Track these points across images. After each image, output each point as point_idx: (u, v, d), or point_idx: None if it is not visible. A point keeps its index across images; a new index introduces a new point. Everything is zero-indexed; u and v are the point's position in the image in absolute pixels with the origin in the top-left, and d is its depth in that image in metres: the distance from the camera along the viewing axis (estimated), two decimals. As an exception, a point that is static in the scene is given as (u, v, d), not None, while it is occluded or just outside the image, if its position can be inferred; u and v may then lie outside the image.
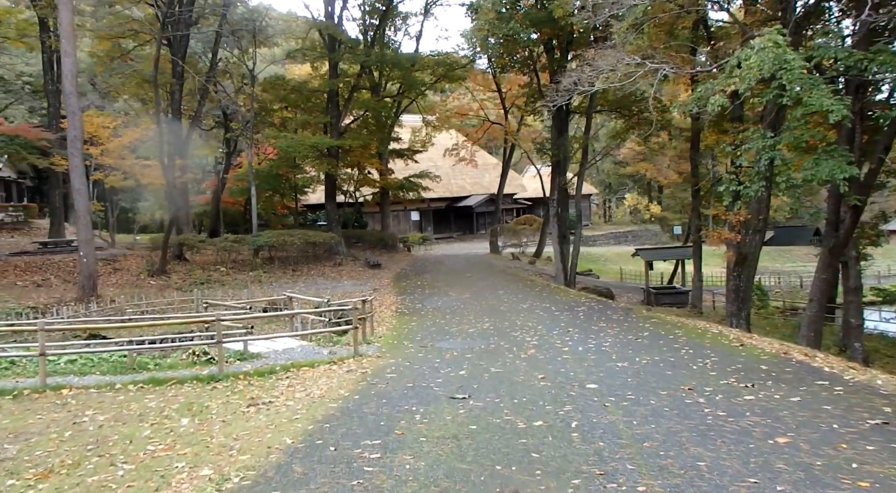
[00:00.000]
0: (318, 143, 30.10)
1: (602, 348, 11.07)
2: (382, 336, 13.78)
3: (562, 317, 15.38)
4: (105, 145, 29.05)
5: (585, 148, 28.34)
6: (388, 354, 11.41)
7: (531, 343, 11.88)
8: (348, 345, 11.85)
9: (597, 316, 15.29)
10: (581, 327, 13.54)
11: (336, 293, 24.55)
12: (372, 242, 38.36)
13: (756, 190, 12.78)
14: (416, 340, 12.98)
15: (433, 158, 48.00)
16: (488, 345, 11.92)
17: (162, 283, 25.95)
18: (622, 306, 17.35)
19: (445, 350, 11.54)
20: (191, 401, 8.16)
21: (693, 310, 27.02)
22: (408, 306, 19.31)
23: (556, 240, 27.98)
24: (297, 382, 9.40)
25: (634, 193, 64.59)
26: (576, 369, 9.30)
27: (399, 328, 14.87)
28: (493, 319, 15.59)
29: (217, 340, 9.58)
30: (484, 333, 13.52)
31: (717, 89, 12.25)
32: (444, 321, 15.65)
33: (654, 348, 10.81)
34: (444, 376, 9.21)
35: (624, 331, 12.90)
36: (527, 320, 15.13)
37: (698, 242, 27.64)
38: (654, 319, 14.65)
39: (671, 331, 12.72)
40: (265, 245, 29.29)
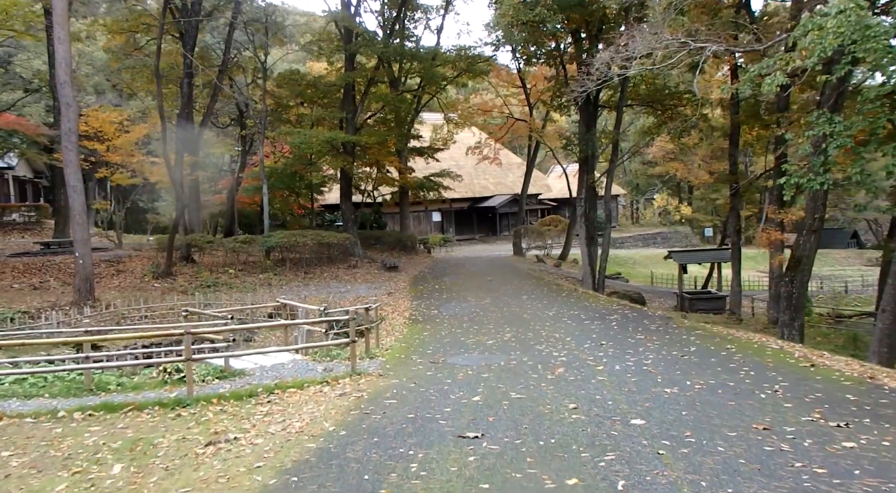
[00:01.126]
0: (333, 138, 28.62)
1: (643, 366, 9.37)
2: (389, 349, 12.19)
3: (593, 327, 13.67)
4: (112, 141, 27.84)
5: (615, 143, 26.53)
6: (392, 372, 9.81)
7: (559, 360, 10.21)
8: (348, 360, 10.29)
9: (632, 326, 13.56)
10: (616, 340, 11.83)
11: (348, 298, 23.06)
12: (390, 243, 36.87)
13: (822, 182, 10.99)
14: (427, 354, 11.36)
15: (455, 157, 46.43)
16: (509, 361, 10.27)
17: (167, 285, 24.64)
18: (660, 315, 15.59)
19: (459, 368, 9.92)
20: (139, 437, 6.61)
21: (732, 317, 25.11)
22: (422, 312, 17.71)
23: (583, 242, 26.23)
24: (278, 408, 7.83)
25: (664, 193, 62.37)
26: (615, 396, 7.63)
27: (409, 339, 13.27)
28: (516, 328, 13.93)
29: (186, 357, 8.06)
30: (504, 345, 11.87)
31: (777, 66, 10.49)
32: (460, 331, 14.02)
33: (705, 369, 9.09)
34: (455, 404, 7.59)
35: (666, 345, 11.16)
36: (553, 330, 13.45)
37: (737, 244, 25.72)
38: (698, 330, 12.87)
39: (722, 345, 10.97)
40: (276, 246, 27.89)
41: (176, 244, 27.75)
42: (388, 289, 24.34)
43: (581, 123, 26.48)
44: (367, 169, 37.66)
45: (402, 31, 33.60)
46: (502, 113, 42.23)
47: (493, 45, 29.50)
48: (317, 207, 44.22)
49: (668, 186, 65.96)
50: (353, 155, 31.55)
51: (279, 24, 34.11)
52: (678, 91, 28.62)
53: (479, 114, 43.22)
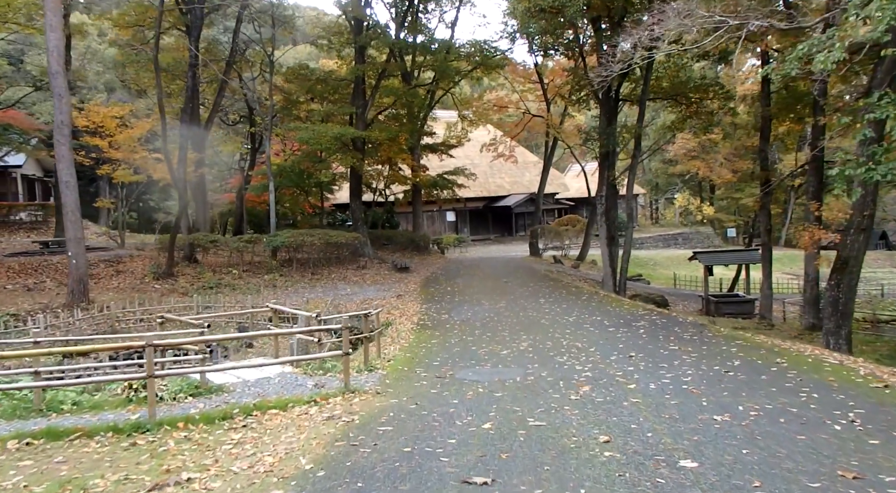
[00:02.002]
0: (342, 134, 27.46)
1: (683, 385, 8.05)
2: (392, 359, 10.94)
3: (619, 335, 12.35)
4: (114, 137, 26.87)
5: (638, 138, 25.13)
6: (392, 388, 8.56)
7: (583, 375, 8.92)
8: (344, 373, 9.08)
9: (663, 335, 12.23)
10: (646, 351, 10.51)
11: (355, 300, 21.87)
12: (402, 243, 35.68)
13: (885, 173, 9.59)
14: (434, 366, 10.11)
15: (470, 155, 45.19)
16: (525, 376, 9.00)
17: (167, 287, 23.60)
18: (692, 321, 14.22)
19: (468, 384, 8.66)
20: (73, 476, 5.40)
21: (762, 322, 23.66)
22: (432, 316, 16.46)
23: (604, 242, 24.86)
24: (252, 435, 6.61)
25: (685, 193, 60.70)
26: (654, 425, 6.33)
27: (416, 347, 12.02)
28: (533, 336, 12.65)
29: (147, 373, 6.85)
30: (520, 356, 10.59)
31: (838, 37, 9.13)
32: (471, 339, 12.75)
33: (757, 389, 7.76)
34: (461, 433, 6.33)
35: (705, 358, 9.83)
36: (575, 338, 12.15)
37: (768, 244, 24.23)
38: (738, 340, 11.50)
39: (769, 359, 9.62)
40: (283, 246, 26.76)
41: (179, 244, 26.75)
42: (397, 291, 23.13)
43: (601, 116, 25.13)
44: (379, 167, 36.53)
45: (414, 23, 32.38)
46: (518, 109, 40.89)
47: (510, 37, 28.20)
48: (328, 207, 43.16)
49: (689, 186, 64.31)
50: (364, 152, 30.38)
51: (288, 17, 33.08)
52: (703, 83, 27.19)
53: (495, 110, 41.91)
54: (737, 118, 42.65)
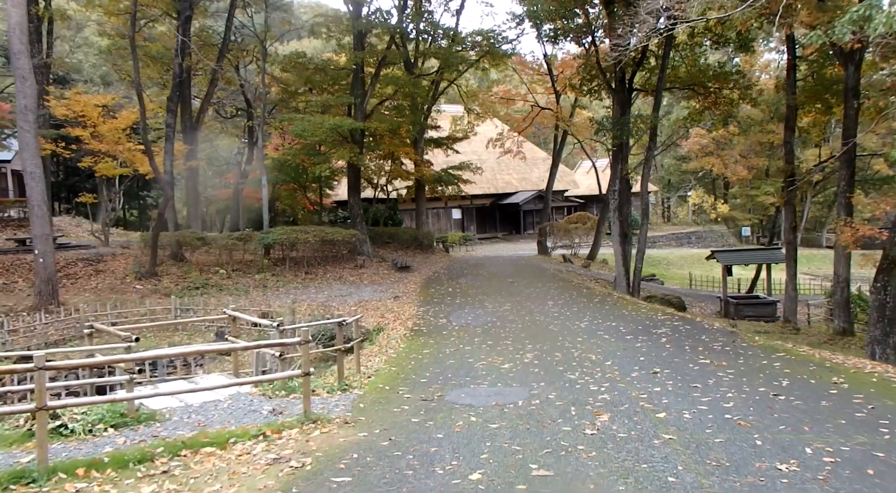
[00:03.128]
0: (338, 125, 25.87)
1: (726, 414, 6.45)
2: (375, 374, 9.37)
3: (638, 344, 10.73)
4: (96, 128, 25.37)
5: (654, 129, 23.46)
6: (365, 416, 6.98)
7: (599, 398, 7.33)
8: (314, 394, 7.53)
9: (689, 344, 10.60)
10: (673, 366, 8.90)
11: (349, 302, 20.33)
12: (405, 241, 34.13)
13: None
14: (421, 384, 8.53)
15: (477, 151, 43.57)
16: (529, 399, 7.41)
17: (150, 287, 22.11)
18: (719, 328, 12.56)
19: (459, 410, 7.07)
20: None
21: (787, 326, 21.97)
22: (429, 321, 14.89)
23: (617, 240, 23.23)
24: (171, 487, 5.04)
25: (699, 190, 58.89)
26: (699, 478, 4.73)
27: (405, 359, 10.45)
28: (539, 345, 11.05)
29: (37, 404, 5.28)
30: (524, 372, 9.00)
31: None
32: (469, 348, 11.17)
33: (821, 420, 6.15)
34: (439, 488, 4.75)
35: (745, 375, 8.21)
36: (588, 348, 10.55)
37: (793, 243, 22.55)
38: (779, 352, 9.85)
39: (823, 377, 8.00)
40: (275, 243, 25.22)
41: (165, 242, 25.28)
42: (395, 292, 21.57)
43: (615, 104, 23.47)
44: (381, 162, 34.98)
45: (417, 9, 30.75)
46: (526, 102, 39.20)
47: (517, 20, 26.56)
48: (329, 203, 41.65)
49: (703, 183, 62.51)
50: (362, 145, 28.80)
51: (285, 4, 31.59)
52: (723, 71, 25.51)
53: (502, 103, 40.26)
54: (753, 113, 40.95)
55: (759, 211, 58.07)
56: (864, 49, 18.22)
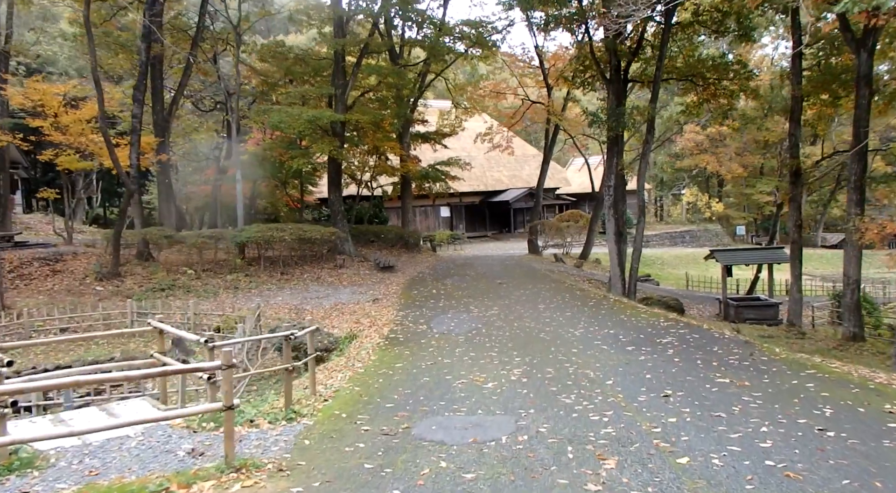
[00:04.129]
0: (317, 117, 24.38)
1: (766, 459, 5.03)
2: (333, 396, 7.90)
3: (642, 358, 9.32)
4: (58, 119, 23.75)
5: (651, 121, 22.07)
6: (307, 457, 5.53)
7: (603, 432, 5.91)
8: (252, 427, 6.09)
9: (701, 357, 9.20)
10: (687, 387, 7.49)
11: (325, 305, 18.87)
12: (390, 240, 32.66)
13: None
14: (386, 410, 7.09)
15: (466, 147, 42.16)
16: (515, 434, 5.98)
17: (111, 288, 20.56)
18: (731, 337, 11.14)
19: (427, 449, 5.64)
20: None
21: (791, 329, 20.67)
22: (407, 328, 13.44)
23: (612, 239, 21.89)
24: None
25: (694, 188, 57.68)
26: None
27: (372, 376, 9.00)
28: (529, 357, 9.64)
29: None
30: (511, 393, 7.57)
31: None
32: (449, 362, 9.74)
33: (892, 468, 4.76)
34: None
35: (775, 399, 6.81)
36: (584, 362, 9.13)
37: (798, 242, 21.24)
38: (809, 368, 8.42)
39: (871, 402, 6.60)
40: (249, 242, 23.71)
41: (130, 240, 23.76)
42: (375, 294, 20.11)
43: (610, 95, 22.09)
44: (366, 157, 33.50)
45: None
46: (517, 96, 37.78)
47: (506, 6, 25.11)
48: (313, 201, 40.18)
49: (696, 181, 61.34)
50: (343, 138, 27.30)
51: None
52: (723, 62, 24.16)
53: (492, 97, 38.81)
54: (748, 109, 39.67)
55: (755, 210, 56.95)
56: (879, 32, 16.98)
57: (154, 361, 7.25)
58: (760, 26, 25.21)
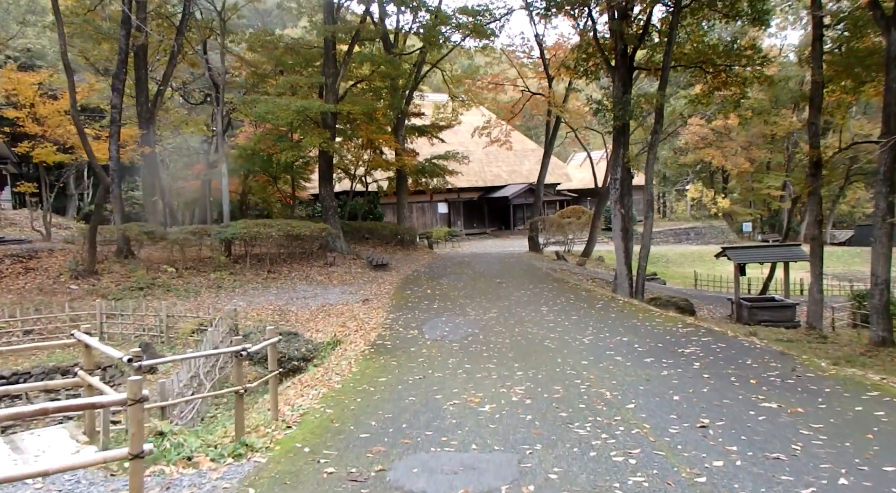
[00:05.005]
0: (306, 108, 23.05)
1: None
2: (298, 421, 6.57)
3: (664, 373, 8.00)
4: (35, 109, 22.44)
5: (660, 109, 20.74)
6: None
7: (632, 485, 4.58)
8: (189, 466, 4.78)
9: (734, 372, 7.88)
10: (727, 413, 6.17)
11: (311, 306, 17.57)
12: (385, 237, 31.37)
13: None
14: (359, 443, 5.76)
15: (464, 142, 40.82)
16: (519, 482, 4.65)
17: (87, 288, 19.25)
18: (763, 346, 9.77)
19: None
20: None
21: (811, 332, 19.37)
22: (397, 332, 12.12)
23: (618, 235, 20.57)
24: None
25: (699, 184, 56.32)
26: None
27: (350, 394, 7.68)
28: (533, 371, 8.32)
29: None
30: (511, 421, 6.25)
31: None
32: (440, 375, 8.42)
33: None
34: None
35: (844, 435, 5.48)
36: (598, 378, 7.81)
37: (819, 238, 19.93)
38: (869, 389, 7.03)
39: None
40: (234, 238, 22.39)
41: (110, 237, 22.47)
42: (366, 294, 18.80)
43: (616, 81, 20.74)
44: (360, 151, 32.14)
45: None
46: (516, 87, 36.40)
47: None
48: (307, 196, 38.92)
49: (700, 177, 60.03)
50: (335, 129, 25.96)
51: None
52: (735, 47, 22.79)
53: (490, 89, 37.45)
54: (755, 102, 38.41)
55: (761, 206, 55.64)
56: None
57: (79, 380, 5.92)
58: (774, 9, 23.77)
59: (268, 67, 30.97)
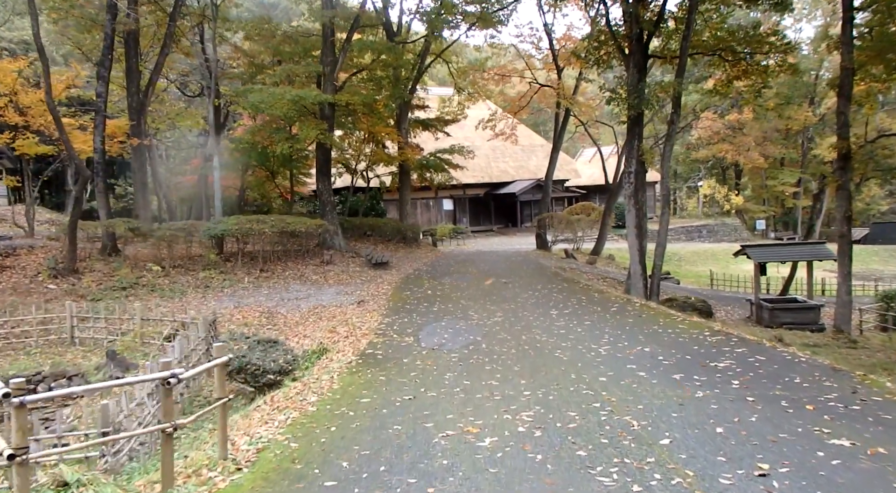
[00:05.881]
0: (302, 97, 21.83)
1: None
2: (252, 461, 5.32)
3: (699, 394, 6.72)
4: (16, 98, 21.29)
5: (678, 98, 19.39)
6: None
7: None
8: None
9: (783, 393, 6.60)
10: (789, 457, 4.89)
11: (302, 308, 16.36)
12: (388, 234, 30.15)
13: None
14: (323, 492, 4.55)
15: (470, 137, 39.49)
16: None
17: (66, 287, 18.08)
18: (808, 360, 8.47)
19: None
20: None
21: (838, 336, 18.04)
22: (390, 340, 10.87)
23: (632, 232, 19.27)
24: None
25: (711, 180, 54.85)
26: None
27: (323, 421, 6.43)
28: (542, 390, 7.05)
29: None
30: (517, 461, 4.98)
31: None
32: (434, 396, 7.17)
33: None
34: None
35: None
36: (621, 401, 6.54)
37: (847, 235, 18.62)
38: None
39: None
40: (225, 235, 21.19)
41: (92, 233, 21.29)
42: (363, 294, 17.56)
43: (631, 68, 19.37)
44: (361, 145, 30.90)
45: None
46: (523, 78, 35.04)
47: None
48: (308, 192, 37.72)
49: (713, 173, 58.56)
50: (333, 121, 24.70)
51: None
52: (757, 33, 21.41)
53: (497, 81, 36.12)
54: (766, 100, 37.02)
55: (774, 203, 54.17)
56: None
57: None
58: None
59: (266, 57, 29.83)
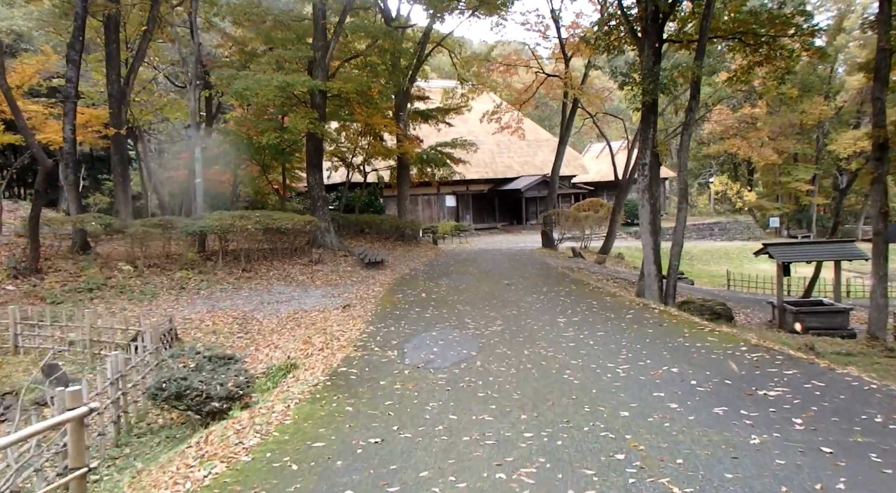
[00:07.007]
0: (289, 84, 20.24)
1: None
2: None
3: (756, 441, 5.09)
4: (-18, 85, 19.74)
5: (696, 83, 17.73)
6: None
7: None
8: None
9: (869, 442, 4.98)
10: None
11: (282, 312, 14.76)
12: (385, 231, 28.61)
13: None
14: None
15: (473, 132, 37.93)
16: None
17: (26, 288, 16.52)
18: (881, 387, 6.83)
19: None
20: None
21: (873, 344, 16.34)
22: (370, 354, 9.25)
23: (647, 229, 17.63)
24: None
25: (723, 177, 53.08)
26: None
27: (254, 476, 4.85)
28: (549, 433, 5.42)
29: None
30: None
31: None
32: (408, 437, 5.56)
33: None
34: None
35: None
36: (653, 448, 4.92)
37: (883, 233, 16.91)
38: None
39: None
40: (205, 232, 19.62)
41: (62, 230, 19.78)
42: (350, 298, 15.97)
43: (646, 50, 17.68)
44: (358, 137, 29.32)
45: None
46: (529, 68, 33.38)
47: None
48: (303, 187, 36.17)
49: (724, 169, 56.78)
50: (324, 110, 23.10)
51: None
52: (781, 15, 19.67)
53: (502, 72, 34.44)
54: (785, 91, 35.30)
55: (788, 200, 52.39)
56: None
57: None
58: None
59: (258, 45, 28.26)
